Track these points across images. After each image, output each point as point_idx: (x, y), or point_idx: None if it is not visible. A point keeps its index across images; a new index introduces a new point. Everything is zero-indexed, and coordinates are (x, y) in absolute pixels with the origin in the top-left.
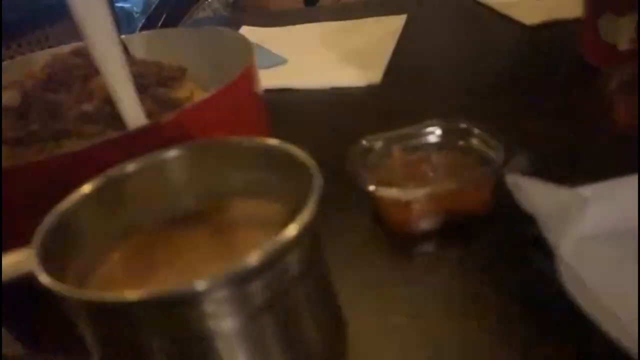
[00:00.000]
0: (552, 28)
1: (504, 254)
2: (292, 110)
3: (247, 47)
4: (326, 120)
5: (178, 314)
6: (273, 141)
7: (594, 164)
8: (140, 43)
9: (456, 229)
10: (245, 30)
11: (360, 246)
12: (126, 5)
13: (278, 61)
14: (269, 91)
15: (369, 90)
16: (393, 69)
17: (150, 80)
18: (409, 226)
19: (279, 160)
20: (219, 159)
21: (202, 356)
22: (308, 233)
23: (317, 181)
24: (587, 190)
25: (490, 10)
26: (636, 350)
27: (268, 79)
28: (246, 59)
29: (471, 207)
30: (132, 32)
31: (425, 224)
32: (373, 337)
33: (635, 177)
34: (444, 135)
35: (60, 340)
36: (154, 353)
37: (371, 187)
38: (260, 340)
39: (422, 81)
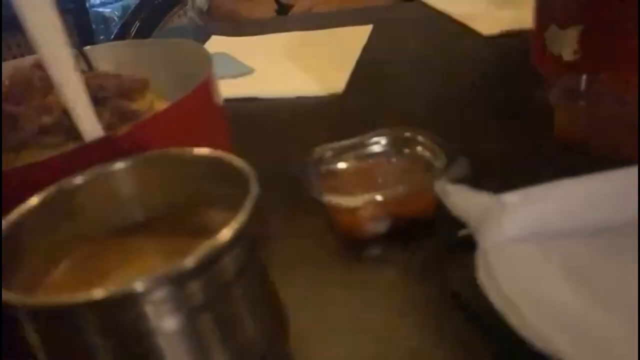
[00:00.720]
0: (510, 39)
1: (444, 255)
2: (256, 120)
3: (206, 58)
4: (287, 130)
5: (119, 314)
6: (216, 152)
7: (532, 170)
8: (105, 54)
9: (401, 232)
10: (214, 40)
11: (310, 249)
12: (106, 10)
13: (244, 70)
14: (234, 100)
15: (331, 100)
16: (356, 78)
17: (111, 92)
18: (357, 231)
19: (221, 170)
20: (165, 170)
21: (145, 355)
22: (243, 237)
23: (254, 189)
24: (513, 196)
25: (453, 21)
26: (539, 343)
27: (233, 88)
28: (205, 70)
29: (415, 211)
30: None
31: (372, 229)
32: (315, 334)
33: (557, 184)
34: (391, 144)
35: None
36: (99, 354)
37: (321, 195)
38: (201, 338)
39: (383, 90)
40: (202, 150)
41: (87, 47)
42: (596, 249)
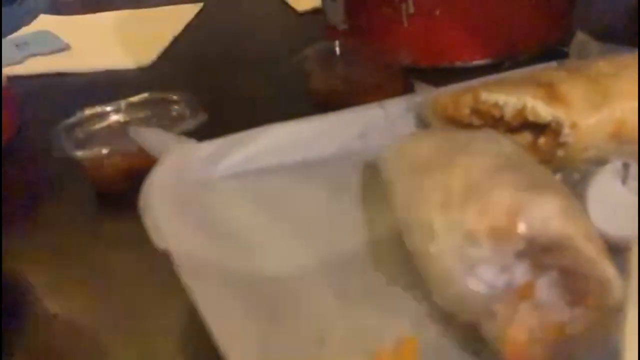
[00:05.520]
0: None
1: None
2: (61, 95)
3: None
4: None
5: None
6: None
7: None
8: None
9: None
10: (42, 19)
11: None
12: None
13: (60, 46)
14: (45, 76)
15: (139, 73)
16: (171, 54)
17: None
18: (106, 185)
19: None
20: None
21: None
22: None
23: None
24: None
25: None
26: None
27: (45, 64)
28: None
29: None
30: None
31: (119, 184)
32: (59, 290)
33: (268, 127)
34: (144, 106)
35: None
36: None
37: (71, 151)
38: None
39: (194, 64)
40: None
41: None
42: (290, 179)
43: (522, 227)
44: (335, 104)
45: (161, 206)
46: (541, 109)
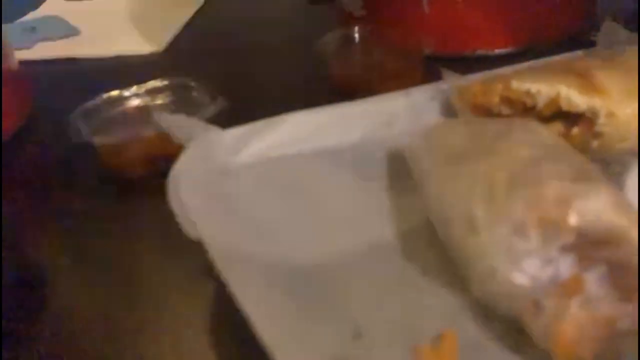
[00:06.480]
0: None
1: None
2: (74, 80)
3: None
4: (100, 90)
5: None
6: None
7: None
8: None
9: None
10: (50, 3)
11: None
12: None
13: (69, 31)
14: (55, 61)
15: (152, 59)
16: (183, 39)
17: None
18: (124, 171)
19: None
20: None
21: None
22: None
23: None
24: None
25: None
26: None
27: (56, 49)
28: None
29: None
30: None
31: (138, 170)
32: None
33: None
34: (162, 91)
35: None
36: None
37: (88, 137)
38: None
39: (207, 50)
40: None
41: None
42: (316, 167)
43: (573, 219)
44: (355, 91)
45: (189, 194)
46: (576, 98)
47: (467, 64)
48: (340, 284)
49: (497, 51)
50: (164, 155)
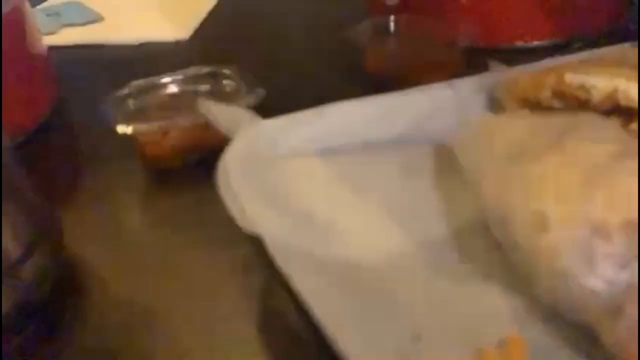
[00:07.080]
0: None
1: None
2: (100, 66)
3: None
4: (127, 77)
5: None
6: None
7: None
8: None
9: (202, 163)
10: None
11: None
12: None
13: (92, 17)
14: (81, 47)
15: (178, 46)
16: (209, 26)
17: None
18: (162, 161)
19: None
20: None
21: None
22: None
23: None
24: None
25: None
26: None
27: (81, 34)
28: None
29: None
30: None
31: (176, 160)
32: (118, 271)
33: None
34: (196, 79)
35: None
36: None
37: (122, 126)
38: None
39: (234, 38)
40: None
41: None
42: (360, 160)
43: None
44: (392, 83)
45: (241, 185)
46: (635, 92)
47: (506, 56)
48: (398, 284)
49: (536, 43)
50: (202, 145)
